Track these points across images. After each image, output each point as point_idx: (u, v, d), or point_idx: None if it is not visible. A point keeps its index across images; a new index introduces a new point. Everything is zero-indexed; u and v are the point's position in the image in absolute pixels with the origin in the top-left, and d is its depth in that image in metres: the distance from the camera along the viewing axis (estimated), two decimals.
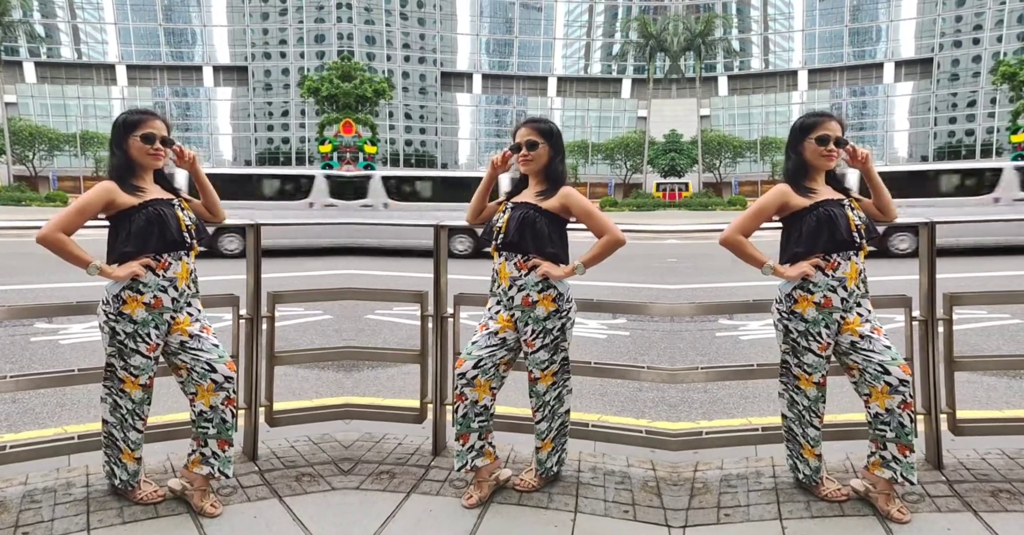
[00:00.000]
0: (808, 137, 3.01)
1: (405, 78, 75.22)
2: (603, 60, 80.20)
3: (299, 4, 72.88)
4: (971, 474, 3.28)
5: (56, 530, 2.82)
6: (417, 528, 2.89)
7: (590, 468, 3.44)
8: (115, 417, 3.03)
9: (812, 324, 2.96)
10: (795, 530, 2.82)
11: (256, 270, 3.59)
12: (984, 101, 69.22)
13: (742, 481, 3.27)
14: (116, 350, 2.95)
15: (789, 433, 3.17)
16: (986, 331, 6.65)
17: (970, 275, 10.37)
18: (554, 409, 3.21)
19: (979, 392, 4.66)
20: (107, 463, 3.09)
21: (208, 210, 3.22)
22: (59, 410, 4.59)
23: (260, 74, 75.08)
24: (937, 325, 3.41)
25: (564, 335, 3.15)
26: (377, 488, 3.24)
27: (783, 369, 3.13)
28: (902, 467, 2.89)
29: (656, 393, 4.89)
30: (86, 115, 70.23)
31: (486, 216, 3.29)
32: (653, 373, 3.77)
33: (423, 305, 3.70)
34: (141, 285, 2.89)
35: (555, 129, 3.18)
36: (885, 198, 3.12)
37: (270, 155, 72.61)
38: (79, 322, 7.11)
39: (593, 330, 7.08)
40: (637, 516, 2.98)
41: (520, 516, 2.98)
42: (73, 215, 2.87)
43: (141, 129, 2.93)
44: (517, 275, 3.09)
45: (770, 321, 3.15)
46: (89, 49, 74.70)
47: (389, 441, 3.78)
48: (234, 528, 2.87)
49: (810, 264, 2.94)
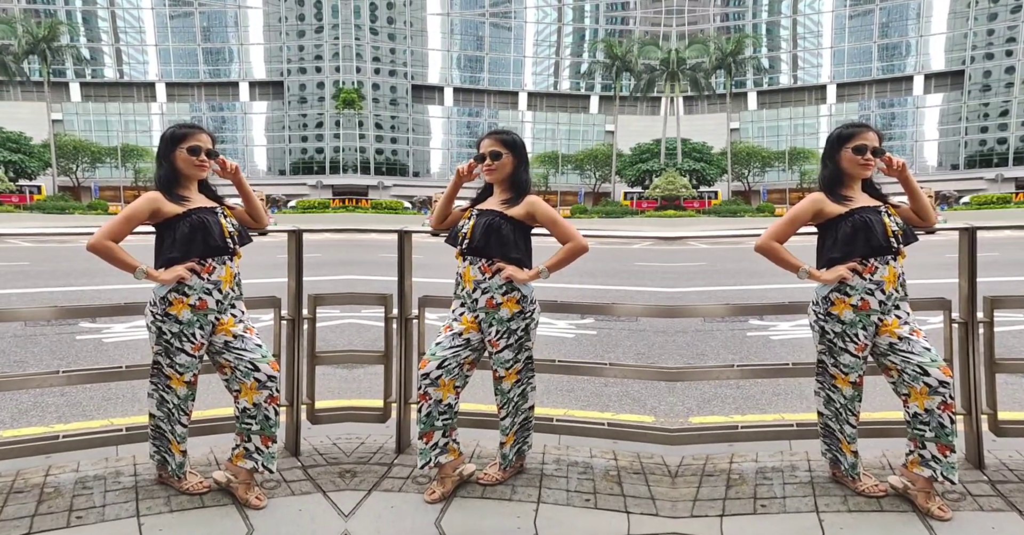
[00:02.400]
0: (845, 147, 3.01)
1: (375, 89, 75.42)
2: (572, 77, 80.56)
3: (335, 21, 74.39)
4: (1014, 474, 3.21)
5: (107, 515, 2.88)
6: (379, 522, 2.87)
7: (554, 460, 3.45)
8: (162, 411, 3.10)
9: (849, 326, 2.95)
10: (832, 523, 2.79)
11: (298, 274, 3.64)
12: (1017, 111, 68.30)
13: (777, 474, 3.24)
14: (162, 348, 3.03)
15: (826, 429, 3.15)
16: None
17: (1007, 279, 10.19)
18: (518, 405, 3.25)
19: (1020, 394, 4.58)
20: (156, 452, 3.15)
21: (251, 217, 3.28)
22: (105, 404, 4.68)
23: (295, 88, 76.50)
24: (977, 327, 3.36)
25: (528, 335, 3.19)
26: (341, 487, 3.20)
27: (819, 368, 3.13)
28: (942, 466, 2.85)
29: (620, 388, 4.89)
30: (127, 130, 71.89)
31: (450, 222, 3.32)
32: (615, 369, 3.82)
33: (387, 307, 3.69)
34: (187, 288, 2.97)
35: (518, 140, 3.24)
36: (923, 203, 3.09)
37: (304, 164, 73.83)
38: (121, 322, 7.25)
39: (563, 330, 7.10)
40: (598, 504, 2.98)
41: (483, 508, 2.98)
42: (121, 224, 2.96)
43: (188, 142, 3.03)
44: (481, 278, 3.13)
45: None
46: (131, 69, 76.53)
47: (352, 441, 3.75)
48: (279, 520, 2.89)
49: (847, 268, 2.93)
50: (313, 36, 75.68)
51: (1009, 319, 6.93)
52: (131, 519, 2.86)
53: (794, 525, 2.79)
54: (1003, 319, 5.03)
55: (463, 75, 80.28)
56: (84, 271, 12.23)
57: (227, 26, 77.73)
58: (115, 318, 7.32)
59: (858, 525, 2.78)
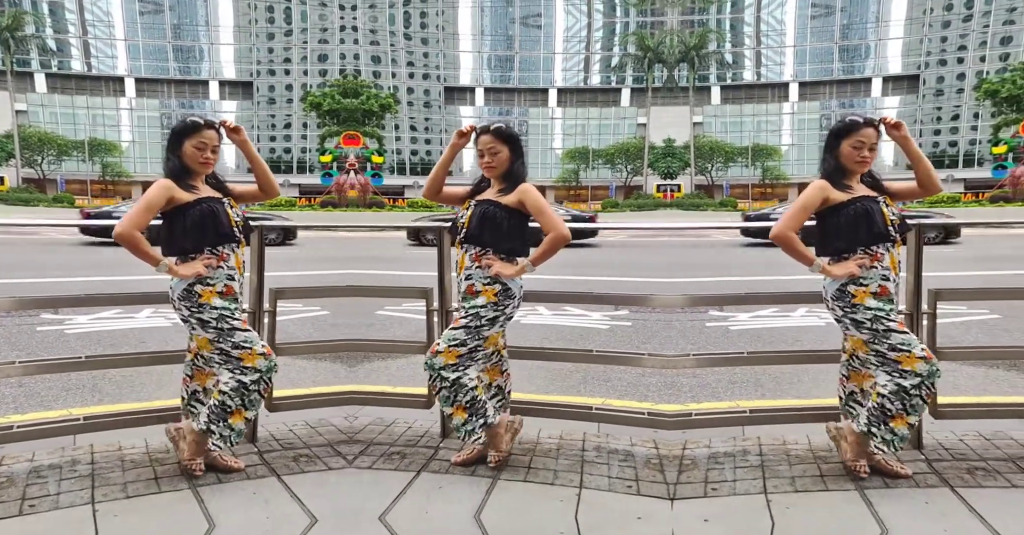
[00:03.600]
0: (843, 141, 3.03)
1: (410, 93, 76.49)
2: (602, 72, 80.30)
3: (304, 26, 74.32)
4: (949, 453, 3.31)
5: (62, 503, 2.83)
6: (428, 502, 2.92)
7: (594, 448, 3.46)
8: (236, 393, 3.04)
9: (878, 309, 2.95)
10: (779, 502, 2.84)
11: (259, 268, 3.65)
12: (967, 115, 70.18)
13: (729, 458, 3.30)
14: (216, 334, 3.04)
15: (881, 409, 2.98)
16: (965, 325, 6.75)
17: (950, 274, 10.44)
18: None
19: (959, 380, 4.71)
20: (216, 428, 3.07)
21: (262, 187, 3.30)
22: (64, 394, 4.59)
23: (264, 89, 76.12)
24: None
25: (491, 325, 3.17)
26: (389, 467, 3.28)
27: (878, 361, 2.99)
28: (883, 432, 2.95)
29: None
30: (95, 124, 70.48)
31: (445, 197, 3.38)
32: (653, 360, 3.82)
33: (428, 300, 3.76)
34: (208, 279, 3.02)
35: (514, 134, 3.29)
36: (926, 167, 3.09)
37: (272, 164, 73.36)
38: (84, 314, 7.12)
39: (596, 321, 7.14)
40: (641, 491, 3.00)
41: (526, 492, 3.00)
42: (144, 213, 2.98)
43: (194, 138, 3.07)
44: (469, 266, 3.18)
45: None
46: (99, 63, 75.00)
47: (399, 425, 3.83)
48: (233, 504, 2.88)
49: (856, 263, 2.95)
50: (283, 38, 75.66)
51: (951, 311, 7.13)
52: (86, 506, 2.81)
53: (743, 505, 2.84)
54: (945, 311, 5.17)
55: (493, 75, 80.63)
56: (58, 264, 11.97)
57: (198, 25, 76.69)
58: (78, 309, 7.19)
59: (804, 504, 2.84)
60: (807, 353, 4.09)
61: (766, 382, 4.88)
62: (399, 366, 5.38)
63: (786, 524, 2.69)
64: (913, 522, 2.68)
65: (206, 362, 3.14)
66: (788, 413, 3.63)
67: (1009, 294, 5.03)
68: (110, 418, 3.48)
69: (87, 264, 13.14)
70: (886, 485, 2.98)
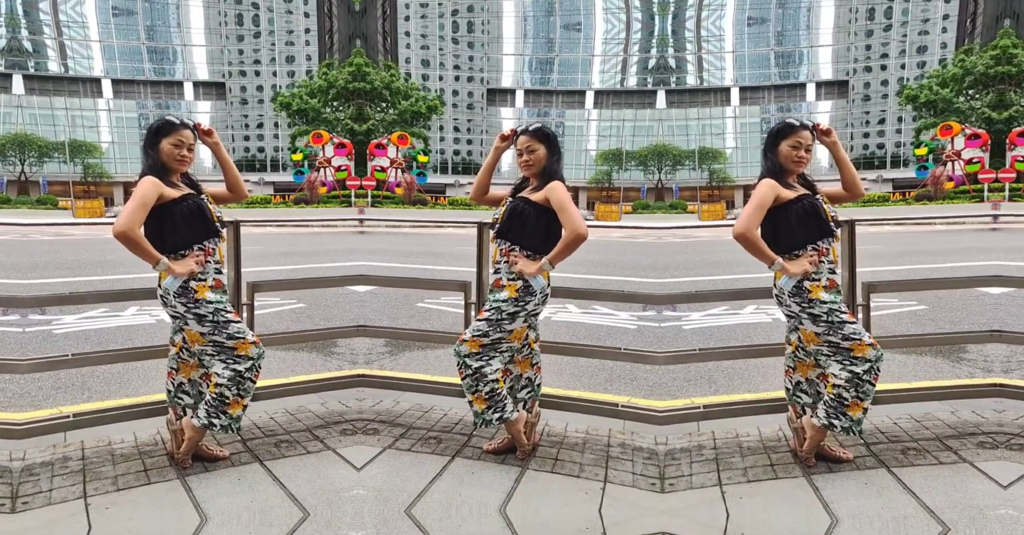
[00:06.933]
0: (782, 142, 3.06)
1: (455, 96, 76.51)
2: (639, 74, 78.64)
3: (271, 28, 73.18)
4: (885, 436, 3.40)
5: (54, 499, 2.76)
6: (462, 485, 2.94)
7: (619, 444, 3.43)
8: (233, 383, 2.99)
9: (832, 302, 2.98)
10: (733, 493, 2.87)
11: (236, 263, 3.57)
12: (892, 119, 71.86)
13: (685, 453, 3.30)
14: (212, 327, 2.98)
15: (838, 400, 3.01)
16: (896, 316, 6.92)
17: (883, 269, 10.69)
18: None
19: (892, 367, 4.81)
20: (217, 421, 3.02)
21: (230, 189, 3.26)
22: (54, 393, 4.46)
23: (236, 89, 74.77)
24: (857, 310, 3.51)
25: (511, 320, 3.13)
26: (426, 451, 3.30)
27: (830, 351, 3.01)
28: (843, 422, 2.99)
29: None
30: (74, 125, 68.32)
31: (490, 200, 3.38)
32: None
33: (467, 294, 3.74)
34: (199, 274, 2.96)
35: (551, 133, 3.25)
36: (851, 172, 3.16)
37: (247, 162, 72.11)
38: (71, 313, 6.92)
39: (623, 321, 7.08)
40: (664, 489, 2.98)
41: (553, 482, 2.99)
42: (139, 210, 2.88)
43: (171, 137, 2.99)
44: (499, 260, 3.17)
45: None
46: (76, 64, 72.63)
47: (436, 412, 3.85)
48: (220, 490, 2.85)
49: (808, 261, 2.98)
50: (252, 41, 74.47)
51: (884, 303, 7.30)
52: (78, 500, 2.75)
53: (700, 498, 2.85)
54: (878, 304, 5.29)
55: (533, 77, 79.83)
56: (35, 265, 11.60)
57: (170, 26, 74.78)
58: (64, 308, 6.98)
59: (755, 492, 2.87)
60: (757, 348, 4.15)
61: (719, 378, 4.87)
62: (437, 356, 5.37)
63: (740, 513, 2.70)
64: (855, 502, 2.75)
65: (192, 355, 3.06)
66: (740, 407, 3.62)
67: (935, 285, 5.19)
68: (99, 414, 3.41)
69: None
70: (830, 470, 3.05)
